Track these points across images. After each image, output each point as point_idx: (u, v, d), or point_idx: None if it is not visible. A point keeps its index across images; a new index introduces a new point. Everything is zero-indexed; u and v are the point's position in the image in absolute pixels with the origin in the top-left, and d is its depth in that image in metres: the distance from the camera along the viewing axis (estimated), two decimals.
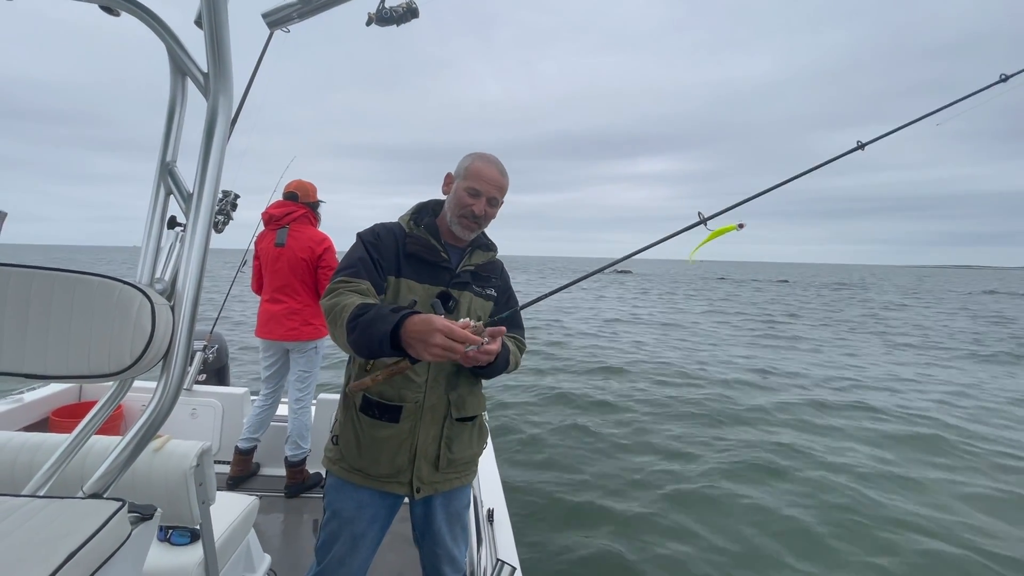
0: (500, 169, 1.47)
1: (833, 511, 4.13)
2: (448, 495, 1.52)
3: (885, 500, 4.33)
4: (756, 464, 4.98)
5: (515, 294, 1.67)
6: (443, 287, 1.45)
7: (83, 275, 0.88)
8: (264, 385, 3.11)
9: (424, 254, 1.46)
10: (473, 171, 1.44)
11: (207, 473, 1.34)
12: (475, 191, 1.43)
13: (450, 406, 1.46)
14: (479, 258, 1.56)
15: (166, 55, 0.99)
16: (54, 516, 0.81)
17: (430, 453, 1.45)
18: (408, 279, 1.45)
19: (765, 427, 6.18)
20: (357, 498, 1.44)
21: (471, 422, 1.53)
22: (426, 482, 1.45)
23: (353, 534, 1.43)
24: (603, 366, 9.28)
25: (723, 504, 4.25)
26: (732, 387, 8.00)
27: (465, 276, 1.50)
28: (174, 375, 0.93)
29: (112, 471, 0.92)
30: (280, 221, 2.99)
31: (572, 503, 4.15)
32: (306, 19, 1.10)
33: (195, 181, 0.97)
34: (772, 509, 4.14)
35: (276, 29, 1.14)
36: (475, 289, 1.51)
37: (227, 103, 0.98)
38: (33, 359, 0.86)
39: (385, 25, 1.27)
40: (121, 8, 0.97)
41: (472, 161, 1.47)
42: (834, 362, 10.72)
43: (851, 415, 6.79)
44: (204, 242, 0.97)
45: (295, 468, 2.98)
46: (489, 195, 1.45)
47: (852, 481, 4.65)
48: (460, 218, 1.47)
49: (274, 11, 1.09)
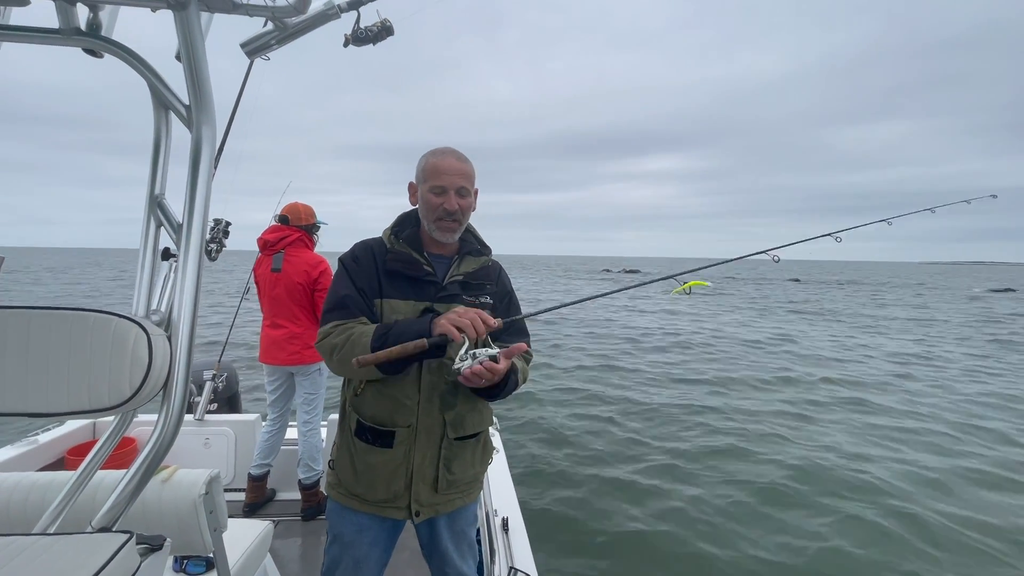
0: (457, 156, 1.38)
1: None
2: (452, 515, 1.47)
3: None
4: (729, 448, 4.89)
5: (517, 298, 1.57)
6: (429, 302, 1.38)
7: (79, 311, 0.90)
8: (271, 409, 3.12)
9: (405, 269, 1.39)
10: (430, 169, 1.37)
11: (217, 501, 1.34)
12: (439, 188, 1.35)
13: (446, 426, 1.40)
14: (470, 265, 1.47)
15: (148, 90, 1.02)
16: (63, 552, 0.82)
17: (428, 475, 1.39)
18: (391, 299, 1.37)
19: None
20: (357, 522, 1.41)
21: (473, 439, 1.46)
22: (425, 504, 1.40)
23: (355, 558, 1.41)
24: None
25: (748, 495, 4.20)
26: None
27: (453, 287, 1.41)
28: (175, 404, 0.94)
29: (119, 504, 0.93)
30: (275, 246, 3.00)
31: (595, 509, 4.12)
32: (284, 45, 1.12)
33: (184, 212, 0.98)
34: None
35: (255, 57, 1.16)
36: (466, 300, 1.42)
37: (211, 133, 1.00)
38: (36, 398, 0.88)
39: (361, 45, 1.29)
40: (103, 50, 0.99)
41: (426, 160, 1.39)
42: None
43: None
44: (196, 271, 0.98)
45: (309, 491, 2.97)
46: (455, 187, 1.36)
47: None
48: (436, 222, 1.39)
49: (252, 40, 1.11)
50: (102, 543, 0.83)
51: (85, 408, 0.88)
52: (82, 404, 0.88)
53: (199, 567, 1.58)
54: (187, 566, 1.58)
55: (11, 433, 3.04)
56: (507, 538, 1.99)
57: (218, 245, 2.43)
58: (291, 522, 2.93)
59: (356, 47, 1.30)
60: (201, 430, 3.21)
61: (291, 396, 3.15)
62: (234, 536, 1.75)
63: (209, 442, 3.21)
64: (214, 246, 2.43)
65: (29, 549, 0.82)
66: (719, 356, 10.57)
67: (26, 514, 1.19)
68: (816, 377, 8.71)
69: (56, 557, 0.81)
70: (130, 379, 0.88)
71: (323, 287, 3.00)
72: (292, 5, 1.01)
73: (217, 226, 2.46)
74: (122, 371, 0.87)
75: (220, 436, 3.22)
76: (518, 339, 1.48)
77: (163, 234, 1.06)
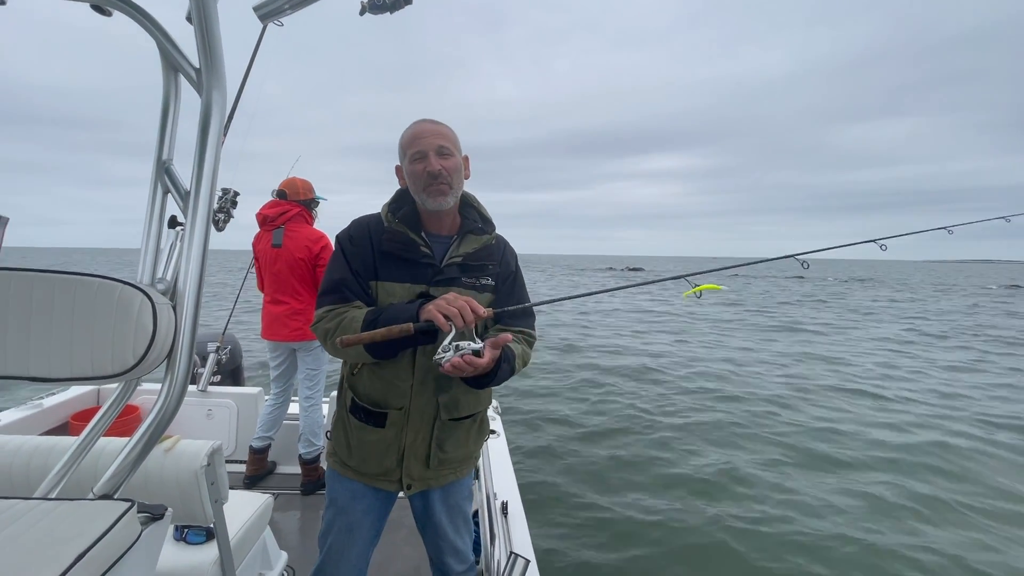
0: (432, 121, 1.34)
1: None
2: (446, 488, 1.48)
3: None
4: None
5: (522, 278, 1.51)
6: (425, 285, 1.33)
7: (83, 276, 0.88)
8: (273, 385, 3.14)
9: (401, 251, 1.34)
10: (406, 140, 1.34)
11: (218, 472, 1.35)
12: (418, 154, 1.31)
13: (440, 408, 1.38)
14: (470, 245, 1.40)
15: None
16: (64, 517, 0.81)
17: (420, 453, 1.40)
18: (386, 281, 1.34)
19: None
20: (351, 488, 1.44)
21: (468, 420, 1.45)
22: (417, 479, 1.41)
23: (348, 523, 1.43)
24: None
25: (747, 506, 4.21)
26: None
27: (452, 270, 1.36)
28: (179, 374, 0.93)
29: (121, 472, 0.92)
30: (275, 221, 2.96)
31: (590, 498, 4.15)
32: (298, 10, 1.08)
33: (192, 178, 0.96)
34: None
35: (268, 22, 1.12)
36: (464, 282, 1.37)
37: (221, 98, 0.97)
38: (38, 362, 0.86)
39: (378, 13, 1.25)
40: (112, 7, 0.96)
41: (404, 135, 1.36)
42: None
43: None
44: (204, 240, 0.96)
45: (309, 465, 3.00)
46: (433, 147, 1.30)
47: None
48: (425, 189, 1.32)
49: (265, 3, 1.07)
50: (103, 510, 0.83)
51: (88, 375, 0.87)
52: (85, 370, 0.87)
53: (199, 537, 1.59)
54: (187, 535, 1.59)
55: (18, 398, 3.05)
56: (506, 522, 2.00)
57: (225, 215, 2.40)
58: (291, 496, 2.95)
59: (373, 15, 1.26)
60: (204, 401, 3.23)
61: (294, 372, 3.16)
62: (234, 507, 1.76)
63: (211, 413, 3.23)
64: (222, 216, 2.41)
65: (30, 513, 0.82)
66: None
67: (28, 478, 1.19)
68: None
69: (57, 522, 0.80)
70: (134, 347, 0.86)
71: (325, 262, 2.97)
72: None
73: (225, 196, 2.43)
74: (126, 338, 0.86)
75: (222, 408, 3.24)
76: (523, 321, 1.45)
77: (170, 202, 1.04)
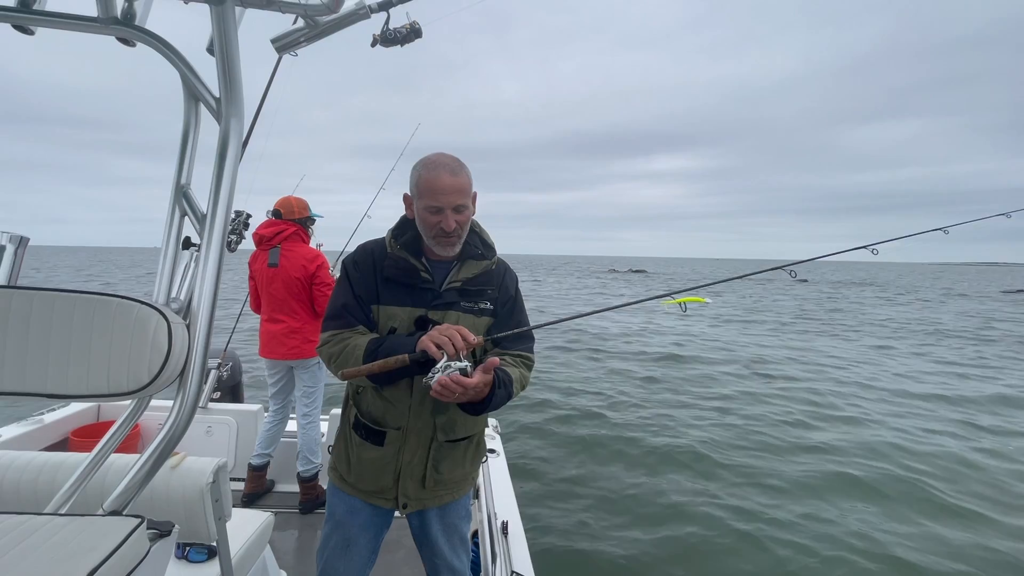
0: (451, 170, 1.30)
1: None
2: (443, 508, 1.50)
3: None
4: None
5: (522, 302, 1.53)
6: (424, 309, 1.36)
7: (102, 296, 0.91)
8: (272, 402, 3.14)
9: (402, 277, 1.37)
10: (424, 187, 1.30)
11: (223, 489, 1.36)
12: (435, 208, 1.30)
13: (436, 430, 1.41)
14: (470, 270, 1.42)
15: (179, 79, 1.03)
16: (75, 533, 0.83)
17: (416, 473, 1.42)
18: (388, 305, 1.38)
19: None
20: (349, 503, 1.47)
21: (465, 441, 1.48)
22: (413, 498, 1.44)
23: (345, 537, 1.45)
24: None
25: (748, 508, 4.18)
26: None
27: (450, 295, 1.39)
28: (190, 392, 0.96)
29: (131, 488, 0.94)
30: (271, 241, 2.99)
31: (591, 518, 4.11)
32: (312, 43, 1.13)
33: (208, 202, 1.00)
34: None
35: (284, 53, 1.18)
36: (463, 306, 1.39)
37: (238, 126, 1.01)
38: (56, 379, 0.89)
39: (389, 46, 1.30)
40: (137, 40, 1.01)
41: (419, 175, 1.32)
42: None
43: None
44: (218, 261, 1.00)
45: (308, 483, 2.98)
46: (451, 205, 1.30)
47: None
48: (435, 239, 1.35)
49: (283, 36, 1.13)
50: (113, 526, 0.84)
51: (103, 392, 0.89)
52: (100, 388, 0.89)
53: (201, 555, 1.59)
54: (189, 553, 1.58)
55: (20, 412, 3.06)
56: (506, 542, 1.99)
57: (237, 237, 2.45)
58: (289, 514, 2.93)
59: (384, 47, 1.31)
60: (204, 418, 3.22)
61: (292, 389, 3.17)
62: (236, 525, 1.75)
63: (211, 430, 3.22)
64: (233, 237, 2.45)
65: (43, 529, 0.84)
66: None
67: (36, 494, 1.20)
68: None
69: (69, 538, 0.82)
70: (149, 365, 0.89)
71: (320, 281, 3.00)
72: (325, 4, 1.02)
73: (238, 218, 2.48)
74: (142, 357, 0.88)
75: (222, 425, 3.23)
76: (521, 345, 1.47)
77: (185, 223, 1.07)
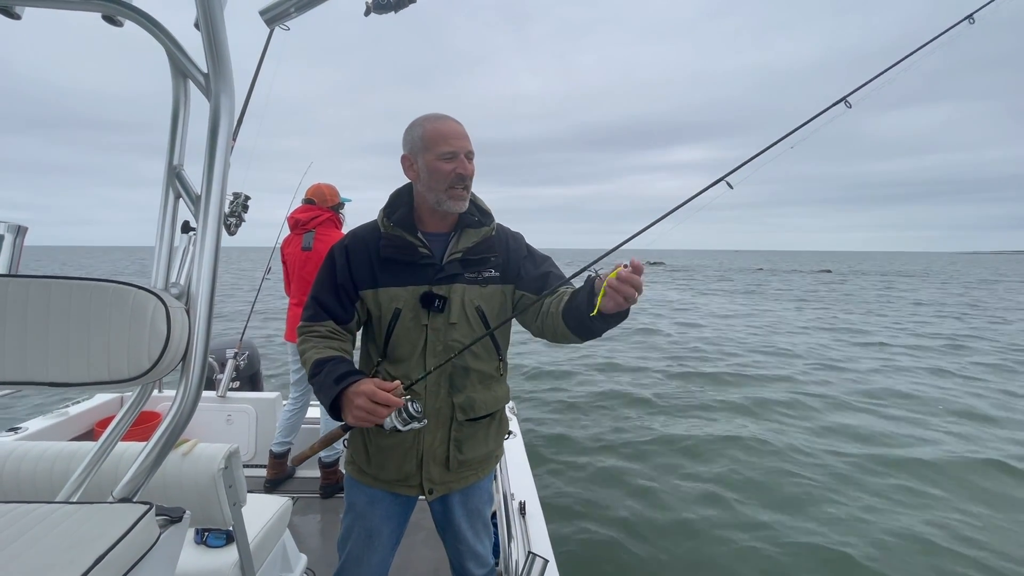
0: (454, 119, 1.31)
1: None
2: (466, 492, 1.47)
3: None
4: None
5: (537, 253, 1.46)
6: (427, 285, 1.33)
7: (98, 282, 0.89)
8: (293, 388, 3.17)
9: (400, 255, 1.33)
10: (434, 135, 1.28)
11: (236, 475, 1.35)
12: (450, 154, 1.27)
13: (455, 409, 1.37)
14: (469, 239, 1.38)
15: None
16: (83, 520, 0.82)
17: (439, 455, 1.39)
18: (388, 287, 1.34)
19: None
20: (370, 494, 1.43)
21: (486, 419, 1.44)
22: (438, 482, 1.40)
23: (367, 529, 1.43)
24: None
25: (770, 505, 4.14)
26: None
27: (453, 267, 1.35)
28: (194, 377, 0.94)
29: (140, 475, 0.93)
30: (307, 225, 3.05)
31: (609, 494, 4.11)
32: (303, 13, 1.09)
33: (202, 183, 0.97)
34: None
35: (274, 26, 1.13)
36: (468, 277, 1.36)
37: (229, 103, 0.98)
38: (56, 368, 0.88)
39: (383, 12, 1.25)
40: (121, 15, 0.97)
41: (425, 127, 1.29)
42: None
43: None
44: (215, 244, 0.97)
45: (329, 469, 3.02)
46: (465, 150, 1.29)
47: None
48: (450, 190, 1.30)
49: (271, 7, 1.08)
50: (123, 513, 0.83)
51: (104, 379, 0.88)
52: (102, 375, 0.88)
53: (219, 540, 1.60)
54: (208, 539, 1.60)
55: (33, 404, 3.14)
56: (524, 522, 1.99)
57: (237, 219, 2.44)
58: (310, 499, 2.98)
59: (377, 15, 1.26)
60: (224, 407, 3.27)
61: None
62: (254, 511, 1.77)
63: (231, 419, 3.27)
64: (233, 220, 2.44)
65: (51, 516, 0.83)
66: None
67: (52, 482, 1.21)
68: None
69: (77, 525, 0.81)
70: (149, 351, 0.87)
71: None
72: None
73: (236, 200, 2.46)
74: (141, 342, 0.87)
75: (241, 413, 3.28)
76: (557, 281, 1.36)
77: (182, 206, 1.05)
